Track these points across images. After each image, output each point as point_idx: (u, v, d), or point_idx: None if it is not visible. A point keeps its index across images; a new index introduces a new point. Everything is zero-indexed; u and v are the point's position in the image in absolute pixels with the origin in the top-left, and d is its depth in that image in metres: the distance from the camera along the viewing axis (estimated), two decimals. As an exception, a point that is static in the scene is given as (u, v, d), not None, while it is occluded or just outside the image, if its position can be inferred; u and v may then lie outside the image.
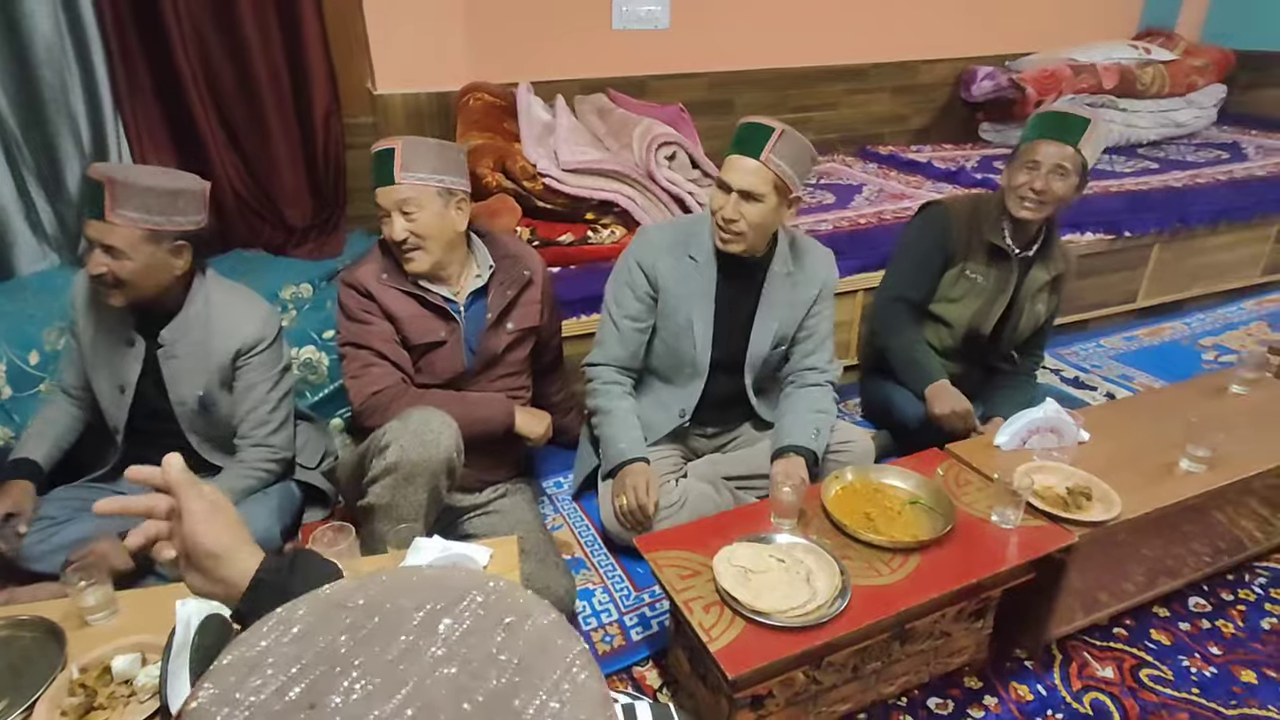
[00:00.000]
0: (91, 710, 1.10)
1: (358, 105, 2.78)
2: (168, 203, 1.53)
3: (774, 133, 1.61)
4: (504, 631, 0.41)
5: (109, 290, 1.55)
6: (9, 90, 2.33)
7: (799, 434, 1.78)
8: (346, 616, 0.41)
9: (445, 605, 0.42)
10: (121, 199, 1.47)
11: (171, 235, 1.55)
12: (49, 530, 1.68)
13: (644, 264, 1.81)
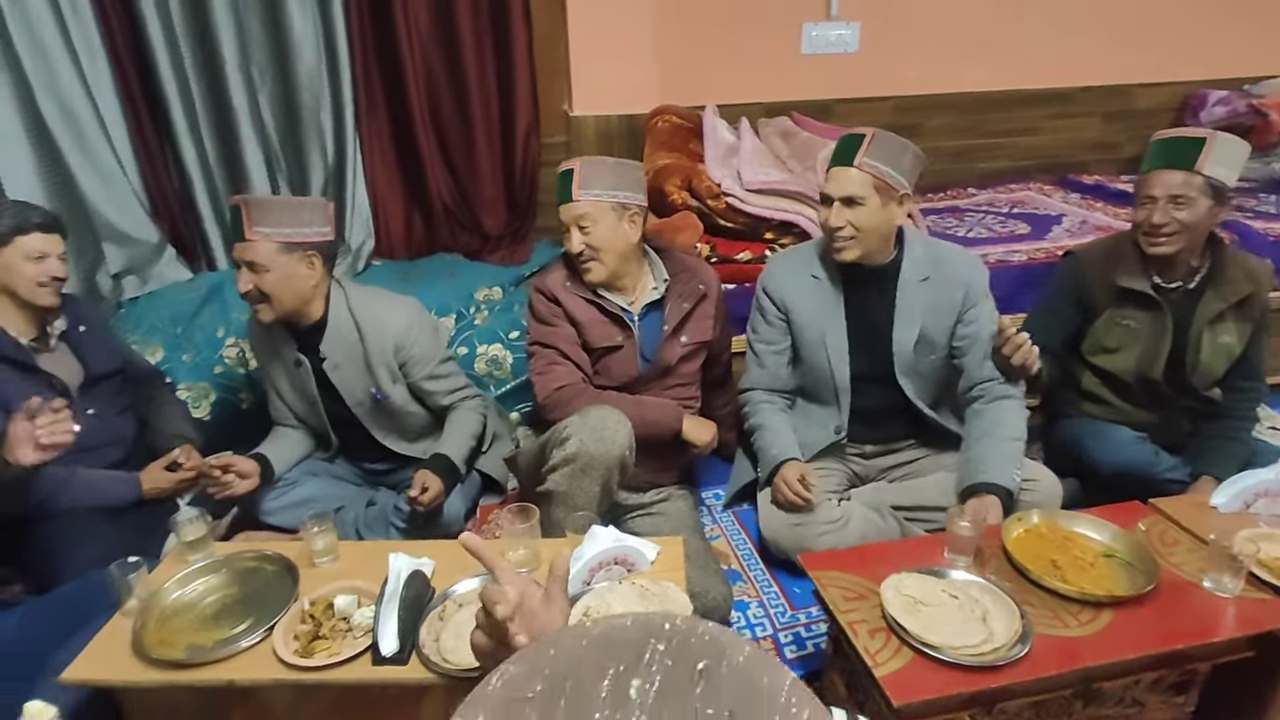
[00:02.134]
0: (317, 638, 1.27)
1: (554, 126, 3.00)
2: (294, 215, 1.75)
3: (864, 138, 1.67)
4: (702, 681, 0.37)
5: (257, 306, 1.78)
6: (275, 108, 2.75)
7: (997, 470, 1.69)
8: (529, 710, 0.37)
9: (628, 665, 0.38)
10: (256, 217, 1.71)
11: (302, 246, 1.75)
12: (282, 490, 1.95)
13: (770, 290, 1.88)
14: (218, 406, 2.37)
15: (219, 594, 1.40)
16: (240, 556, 1.47)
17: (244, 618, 1.34)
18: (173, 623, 1.33)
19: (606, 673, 0.38)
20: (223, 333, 2.45)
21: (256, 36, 2.62)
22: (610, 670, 0.38)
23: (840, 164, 1.70)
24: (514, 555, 1.44)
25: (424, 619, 1.29)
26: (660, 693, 0.37)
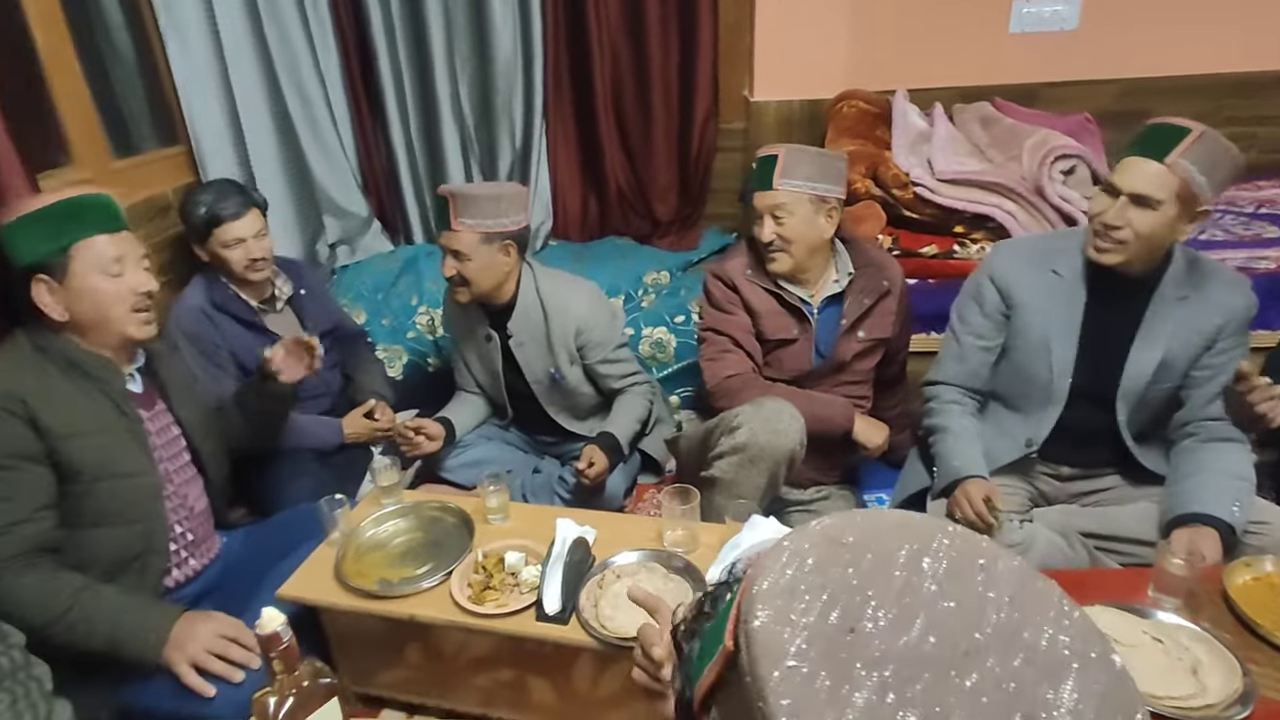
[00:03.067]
0: (487, 588, 1.36)
1: (733, 112, 2.97)
2: (495, 207, 1.82)
3: (1190, 134, 1.37)
4: (982, 572, 0.42)
5: (458, 289, 1.89)
6: (473, 96, 2.94)
7: (1214, 501, 1.46)
8: (844, 552, 0.44)
9: (920, 546, 0.44)
10: (461, 208, 1.79)
11: (500, 236, 1.83)
12: (460, 450, 2.11)
13: (997, 277, 1.65)
14: (409, 368, 2.60)
15: (406, 536, 1.54)
16: (425, 505, 1.60)
17: (426, 561, 1.46)
18: (367, 557, 1.47)
19: (904, 546, 0.44)
20: (416, 300, 2.67)
21: (462, 29, 2.81)
22: (906, 546, 0.44)
23: (1144, 154, 1.42)
24: (671, 535, 1.45)
25: (584, 584, 1.33)
26: (948, 572, 0.42)
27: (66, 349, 1.35)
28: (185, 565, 1.52)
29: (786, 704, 0.38)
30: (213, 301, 1.94)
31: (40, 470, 1.29)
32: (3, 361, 1.31)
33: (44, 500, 1.29)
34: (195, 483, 1.57)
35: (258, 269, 1.96)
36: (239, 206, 1.91)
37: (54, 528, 1.31)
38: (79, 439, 1.32)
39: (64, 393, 1.33)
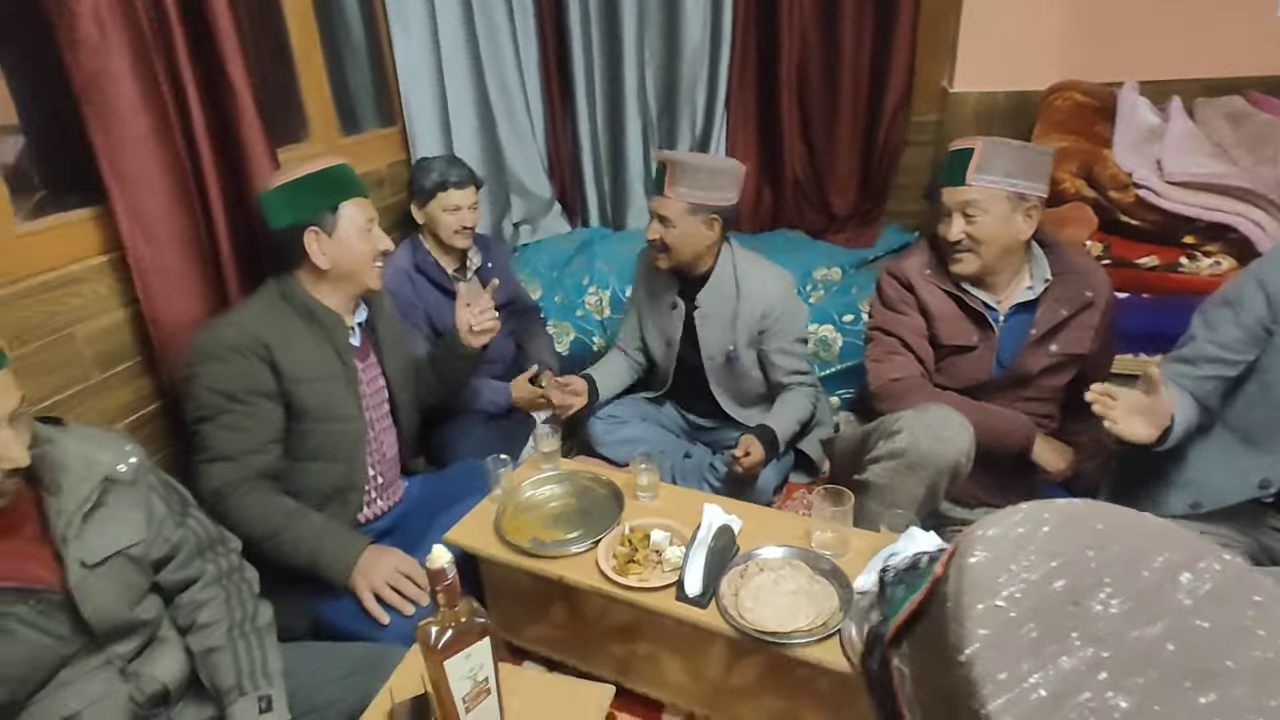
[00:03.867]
0: (631, 561, 1.40)
1: (927, 103, 2.80)
2: (709, 179, 1.82)
3: None
4: (1255, 609, 0.38)
5: (658, 254, 1.91)
6: (658, 84, 2.99)
7: None
8: (1088, 534, 0.42)
9: (1183, 559, 0.40)
10: (676, 176, 1.80)
11: (708, 209, 1.82)
12: (615, 426, 2.17)
13: (1269, 285, 1.39)
14: (575, 345, 2.71)
15: (560, 502, 1.62)
16: (580, 475, 1.67)
17: (577, 527, 1.52)
18: (523, 516, 1.56)
19: (1162, 553, 0.40)
20: (587, 281, 2.78)
21: (654, 20, 2.87)
22: (1165, 554, 0.40)
23: None
24: (820, 536, 1.41)
25: (726, 571, 1.33)
26: (1211, 594, 0.38)
27: (306, 300, 1.54)
28: (374, 504, 1.70)
29: (985, 634, 0.37)
30: (415, 264, 2.14)
31: (274, 408, 1.49)
32: (254, 307, 1.53)
33: (273, 435, 1.49)
34: (390, 431, 1.74)
35: (464, 236, 2.16)
36: (463, 178, 2.14)
37: (278, 459, 1.51)
38: (307, 384, 1.51)
39: (299, 340, 1.52)
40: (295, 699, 1.25)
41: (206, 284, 1.64)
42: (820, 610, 1.24)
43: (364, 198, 1.58)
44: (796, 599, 1.27)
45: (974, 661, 0.37)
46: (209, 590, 1.30)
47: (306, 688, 1.28)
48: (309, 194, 1.52)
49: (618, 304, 2.76)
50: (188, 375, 1.46)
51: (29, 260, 1.37)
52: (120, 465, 1.19)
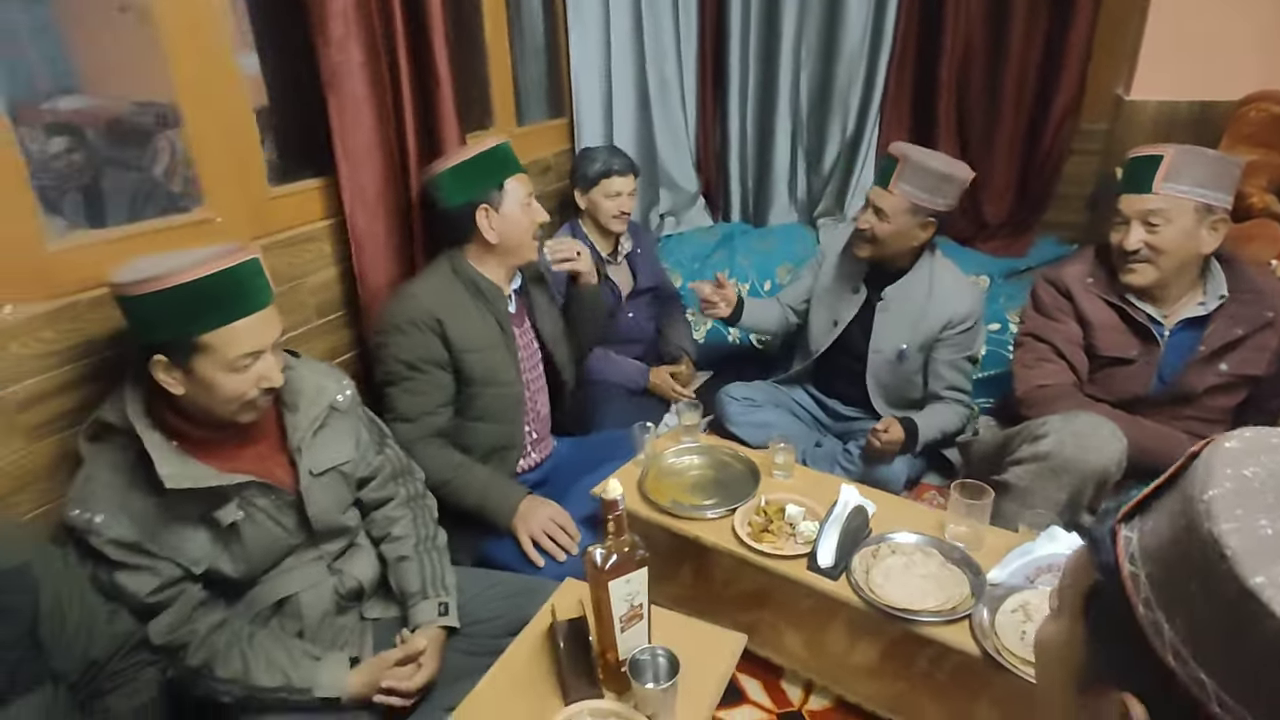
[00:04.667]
0: (765, 531, 1.48)
1: (1098, 111, 2.69)
2: (937, 184, 1.82)
3: None
4: None
5: (862, 243, 1.93)
6: (812, 85, 3.03)
7: None
8: None
9: None
10: (906, 174, 1.82)
11: (927, 211, 1.83)
12: (749, 409, 2.25)
13: None
14: (711, 334, 2.82)
15: (698, 471, 1.73)
16: (719, 449, 1.77)
17: (713, 496, 1.62)
18: (664, 480, 1.69)
19: None
20: (727, 273, 2.87)
21: (814, 21, 2.92)
22: None
23: None
24: (954, 529, 1.44)
25: (858, 549, 1.39)
26: None
27: (472, 274, 1.73)
28: (529, 458, 1.89)
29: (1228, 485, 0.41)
30: (581, 246, 2.32)
31: (445, 375, 1.68)
32: (428, 282, 1.71)
33: (445, 399, 1.69)
34: (544, 392, 1.92)
35: (621, 221, 2.31)
36: (624, 167, 2.29)
37: (449, 420, 1.71)
38: (474, 353, 1.69)
39: (466, 312, 1.70)
40: (464, 611, 1.44)
41: (403, 251, 1.86)
42: (951, 595, 1.28)
43: (523, 173, 1.74)
44: (927, 582, 1.32)
45: (1213, 501, 0.40)
46: (399, 510, 1.51)
47: (474, 603, 1.46)
48: (479, 173, 1.68)
49: (754, 296, 2.84)
50: (377, 343, 1.68)
51: (278, 218, 1.64)
52: (340, 396, 1.41)
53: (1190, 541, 0.41)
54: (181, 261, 1.13)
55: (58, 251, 1.25)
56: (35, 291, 1.22)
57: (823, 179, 3.15)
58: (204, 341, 1.13)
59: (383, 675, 1.29)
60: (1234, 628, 0.39)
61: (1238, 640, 0.39)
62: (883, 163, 1.92)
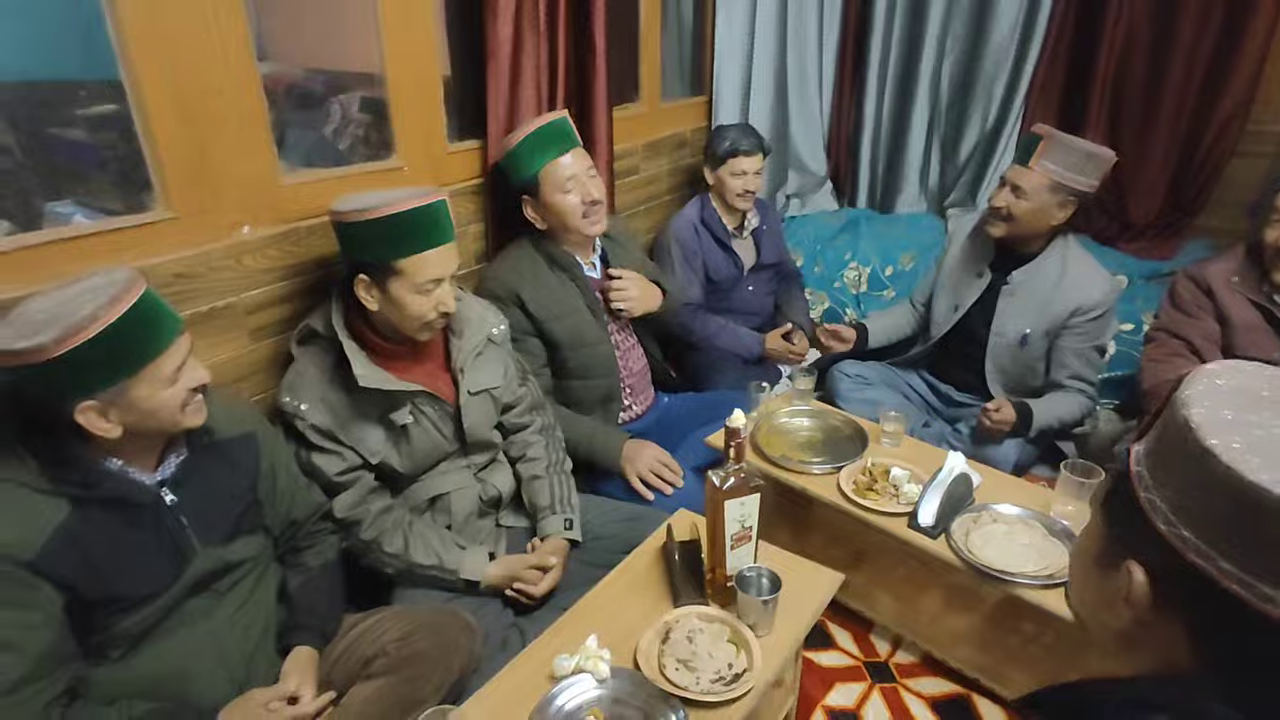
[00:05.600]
0: (870, 489, 1.57)
1: (1271, 111, 2.53)
2: (1080, 162, 1.80)
3: None
4: None
5: (997, 222, 1.93)
6: (954, 74, 2.99)
7: None
8: None
9: None
10: (1049, 151, 1.81)
11: (1068, 191, 1.82)
12: (860, 386, 2.30)
13: None
14: (828, 314, 2.88)
15: (808, 433, 1.82)
16: (830, 413, 1.86)
17: (821, 455, 1.72)
18: (775, 437, 1.80)
19: None
20: (849, 256, 2.92)
21: (962, 9, 2.88)
22: None
23: None
24: (1060, 509, 1.47)
25: (960, 514, 1.45)
26: None
27: (548, 246, 1.85)
28: (630, 409, 2.05)
29: (1203, 401, 0.56)
30: (702, 218, 2.44)
31: (535, 341, 1.84)
32: (508, 259, 1.85)
33: (540, 362, 1.85)
34: (635, 349, 2.06)
35: (746, 199, 2.40)
36: (753, 147, 2.37)
37: (549, 380, 1.88)
38: (557, 320, 1.83)
39: (545, 283, 1.83)
40: (585, 528, 1.61)
41: (520, 217, 2.00)
42: (1051, 562, 1.32)
43: (569, 149, 1.76)
44: (1028, 550, 1.36)
45: (1189, 398, 0.56)
46: (535, 436, 1.70)
47: (594, 523, 1.64)
48: (523, 160, 1.74)
49: (876, 282, 2.87)
50: None
51: (452, 171, 1.85)
52: (495, 329, 1.61)
53: (1173, 428, 0.56)
54: (388, 197, 1.34)
55: (288, 185, 1.50)
56: (268, 217, 1.47)
57: (957, 169, 3.11)
58: (399, 266, 1.34)
59: (517, 573, 1.48)
60: (1200, 481, 0.53)
61: (1202, 491, 0.53)
62: (1024, 141, 1.91)
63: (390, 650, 1.22)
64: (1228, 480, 0.51)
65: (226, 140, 1.37)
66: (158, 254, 1.31)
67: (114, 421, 1.03)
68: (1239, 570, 0.51)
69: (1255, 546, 0.50)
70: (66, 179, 1.45)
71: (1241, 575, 0.51)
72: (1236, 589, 0.51)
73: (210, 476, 1.19)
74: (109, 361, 1.00)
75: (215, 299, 1.40)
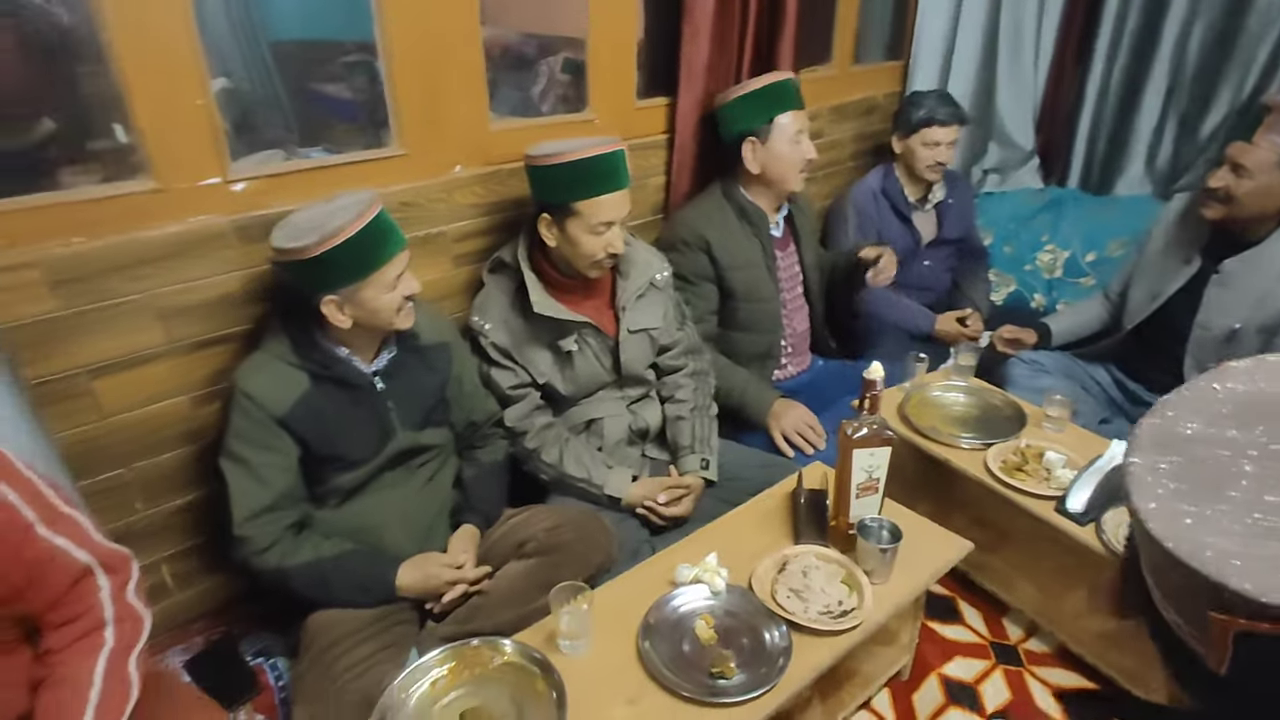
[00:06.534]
0: (1019, 470, 1.52)
1: None
2: None
3: None
4: None
5: (1214, 204, 1.72)
6: (1205, 38, 2.63)
7: None
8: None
9: None
10: (1276, 124, 1.60)
11: None
12: (1036, 373, 2.14)
13: None
14: (1012, 297, 2.70)
15: (963, 408, 1.78)
16: (989, 391, 1.80)
17: (972, 430, 1.68)
18: (925, 409, 1.77)
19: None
20: (1047, 239, 2.71)
21: (1226, -41, 2.52)
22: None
23: None
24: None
25: (1114, 505, 1.37)
26: None
27: (741, 199, 1.92)
28: (786, 369, 2.10)
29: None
30: (883, 188, 2.39)
31: (712, 288, 1.92)
32: (700, 207, 1.93)
33: (711, 309, 1.94)
34: (802, 310, 2.10)
35: (936, 171, 2.31)
36: (949, 117, 2.26)
37: (714, 327, 1.96)
38: (737, 270, 1.90)
39: (732, 233, 1.90)
40: (723, 469, 1.71)
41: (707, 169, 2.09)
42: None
43: (800, 109, 1.84)
44: (1188, 553, 1.26)
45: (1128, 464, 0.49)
46: (685, 379, 1.82)
47: (732, 466, 1.73)
48: (754, 107, 1.84)
49: (1073, 268, 2.65)
50: None
51: (638, 126, 1.99)
52: (659, 275, 1.73)
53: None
54: (573, 145, 1.49)
55: (495, 132, 1.71)
56: (477, 159, 1.69)
57: (1196, 147, 2.75)
58: (577, 207, 1.49)
59: (654, 493, 1.61)
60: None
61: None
62: (1249, 112, 1.68)
63: (540, 537, 1.41)
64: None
65: (450, 90, 1.59)
66: (391, 184, 1.56)
67: (347, 315, 1.28)
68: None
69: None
70: (318, 126, 1.77)
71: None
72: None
73: (412, 373, 1.43)
74: (350, 264, 1.24)
75: (430, 227, 1.65)
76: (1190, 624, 0.45)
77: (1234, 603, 0.41)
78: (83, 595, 0.98)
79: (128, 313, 1.31)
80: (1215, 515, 0.44)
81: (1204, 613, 0.42)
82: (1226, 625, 0.41)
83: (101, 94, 1.29)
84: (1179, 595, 0.45)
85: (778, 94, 1.85)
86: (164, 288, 1.34)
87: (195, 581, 1.59)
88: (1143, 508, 0.46)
